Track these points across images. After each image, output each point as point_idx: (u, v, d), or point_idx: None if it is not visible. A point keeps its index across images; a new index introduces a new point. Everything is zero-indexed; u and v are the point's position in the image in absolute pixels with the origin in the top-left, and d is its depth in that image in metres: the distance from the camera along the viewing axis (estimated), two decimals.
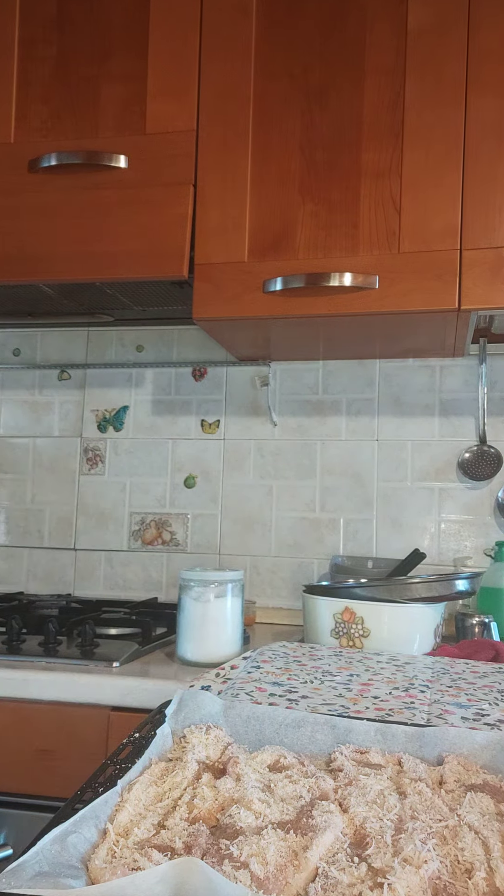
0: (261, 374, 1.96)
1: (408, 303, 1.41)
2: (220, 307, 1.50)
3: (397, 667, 1.20)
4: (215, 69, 1.52)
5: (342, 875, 0.53)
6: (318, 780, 0.66)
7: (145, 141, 1.53)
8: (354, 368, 1.91)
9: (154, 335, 2.03)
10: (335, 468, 1.90)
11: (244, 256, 1.48)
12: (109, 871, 0.52)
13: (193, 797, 0.63)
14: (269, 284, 1.45)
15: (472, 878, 0.53)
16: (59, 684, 1.23)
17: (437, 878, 0.53)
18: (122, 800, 0.62)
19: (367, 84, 1.46)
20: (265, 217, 1.49)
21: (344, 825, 0.60)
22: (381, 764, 0.71)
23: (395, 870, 0.53)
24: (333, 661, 1.24)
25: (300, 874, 0.53)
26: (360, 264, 1.43)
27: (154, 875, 0.47)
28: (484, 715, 0.93)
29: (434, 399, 1.86)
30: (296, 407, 1.94)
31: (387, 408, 1.89)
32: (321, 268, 1.44)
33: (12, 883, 0.47)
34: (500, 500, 1.81)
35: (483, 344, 1.79)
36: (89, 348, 2.06)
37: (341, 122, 1.47)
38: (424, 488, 1.86)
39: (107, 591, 1.95)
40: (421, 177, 1.42)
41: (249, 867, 0.53)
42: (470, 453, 1.82)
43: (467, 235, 1.39)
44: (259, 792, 0.63)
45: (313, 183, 1.48)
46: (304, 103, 1.49)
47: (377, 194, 1.44)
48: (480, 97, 1.41)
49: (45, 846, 0.52)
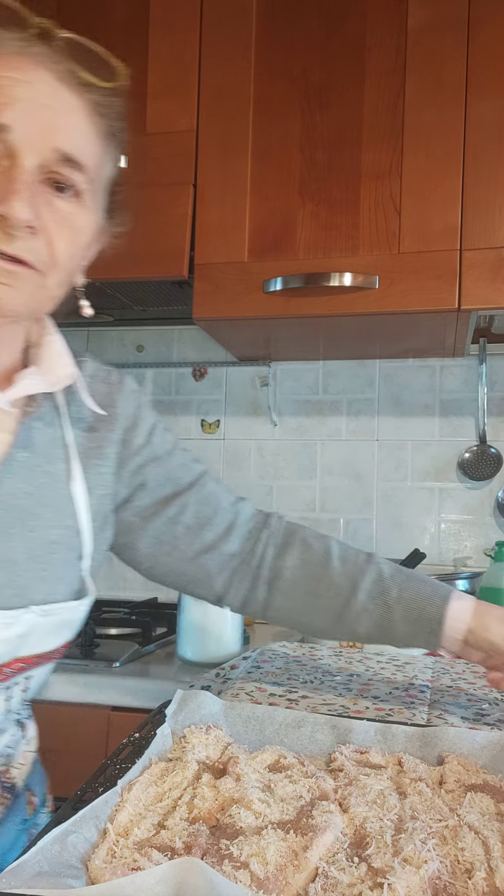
0: (261, 374, 1.96)
1: (408, 303, 1.41)
2: (220, 307, 1.50)
3: (397, 667, 1.20)
4: (215, 69, 1.52)
5: (342, 875, 0.53)
6: (318, 780, 0.66)
7: (145, 141, 1.53)
8: (354, 368, 1.91)
9: (154, 335, 2.03)
10: (335, 468, 1.90)
11: (244, 256, 1.48)
12: (109, 871, 0.52)
13: (193, 797, 0.63)
14: (269, 284, 1.45)
15: (472, 878, 0.53)
16: (59, 684, 1.23)
17: (437, 878, 0.53)
18: (122, 800, 0.62)
19: (367, 84, 1.46)
20: (265, 217, 1.49)
21: (344, 825, 0.60)
22: (381, 764, 0.71)
23: (395, 870, 0.53)
24: (333, 661, 1.24)
25: (300, 874, 0.53)
26: (360, 264, 1.43)
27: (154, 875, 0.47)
28: (484, 715, 0.93)
29: (434, 399, 1.86)
30: (296, 407, 1.94)
31: (387, 408, 1.89)
32: (321, 268, 1.44)
33: (12, 883, 0.47)
34: (500, 500, 1.81)
35: (483, 344, 1.79)
36: (89, 348, 2.06)
37: (341, 123, 1.47)
38: (424, 488, 1.86)
39: (107, 591, 1.95)
40: (421, 177, 1.42)
41: (249, 867, 0.53)
42: (470, 453, 1.82)
43: (467, 235, 1.39)
44: (259, 792, 0.63)
45: (313, 183, 1.48)
46: (304, 104, 1.49)
47: (377, 195, 1.44)
48: (480, 97, 1.41)
49: (45, 846, 0.52)
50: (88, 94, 0.73)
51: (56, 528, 0.81)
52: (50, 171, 0.70)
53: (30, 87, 0.69)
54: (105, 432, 0.88)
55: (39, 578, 0.78)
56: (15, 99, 0.68)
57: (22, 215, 0.67)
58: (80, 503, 0.84)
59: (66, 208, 0.72)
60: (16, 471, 0.78)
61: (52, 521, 0.81)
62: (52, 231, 0.71)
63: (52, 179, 0.70)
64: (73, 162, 0.71)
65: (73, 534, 0.83)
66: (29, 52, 0.70)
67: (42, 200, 0.70)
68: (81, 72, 0.72)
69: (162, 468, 0.93)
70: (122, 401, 0.90)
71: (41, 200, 0.70)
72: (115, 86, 0.74)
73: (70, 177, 0.71)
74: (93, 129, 0.73)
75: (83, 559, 0.84)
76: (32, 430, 0.79)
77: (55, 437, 0.83)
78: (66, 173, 0.71)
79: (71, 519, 0.83)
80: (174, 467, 0.94)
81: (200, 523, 0.93)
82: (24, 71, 0.70)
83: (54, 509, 0.81)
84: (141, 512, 0.92)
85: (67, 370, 0.80)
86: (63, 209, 0.71)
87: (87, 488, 0.85)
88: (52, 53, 0.72)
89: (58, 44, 0.72)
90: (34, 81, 0.70)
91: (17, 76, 0.69)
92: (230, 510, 0.96)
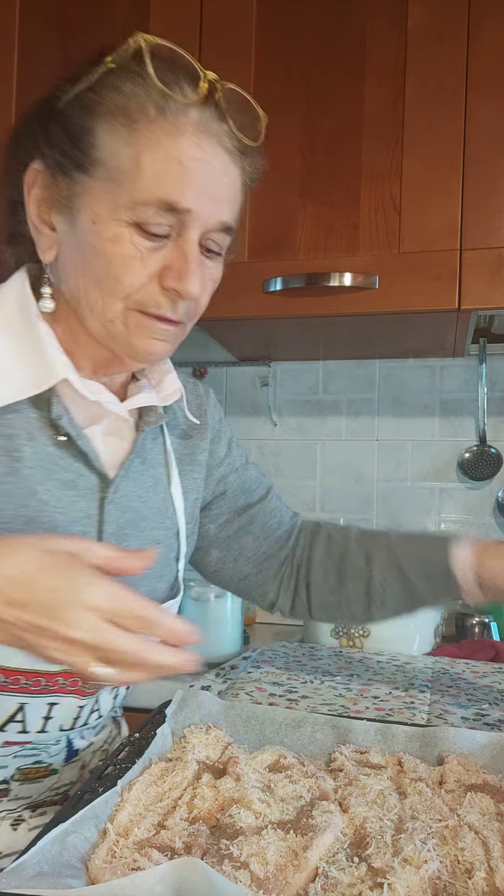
0: (261, 374, 1.96)
1: (408, 303, 1.41)
2: (219, 307, 1.49)
3: (397, 667, 1.20)
4: (215, 70, 1.51)
5: (342, 875, 0.53)
6: (318, 780, 0.66)
7: None
8: (354, 368, 1.91)
9: None
10: (335, 468, 1.90)
11: (244, 256, 1.48)
12: (109, 871, 0.52)
13: (193, 797, 0.63)
14: (269, 284, 1.45)
15: (472, 878, 0.53)
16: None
17: (437, 878, 0.53)
18: (122, 800, 0.62)
19: (367, 85, 1.46)
20: (265, 218, 1.49)
21: (344, 825, 0.60)
22: (381, 764, 0.71)
23: (395, 870, 0.53)
24: (333, 661, 1.24)
25: (300, 874, 0.53)
26: (360, 264, 1.43)
27: (154, 875, 0.47)
28: (484, 715, 0.93)
29: (434, 399, 1.86)
30: (296, 407, 1.94)
31: (387, 408, 1.89)
32: (321, 268, 1.44)
33: (12, 883, 0.47)
34: (500, 500, 1.81)
35: (483, 344, 1.79)
36: None
37: (341, 124, 1.47)
38: (424, 488, 1.86)
39: None
40: (421, 177, 1.42)
41: (249, 867, 0.53)
42: (470, 453, 1.82)
43: (467, 236, 1.39)
44: (259, 792, 0.63)
45: (313, 184, 1.48)
46: (304, 105, 1.49)
47: (377, 195, 1.44)
48: (480, 98, 1.40)
49: (45, 846, 0.52)
50: (243, 159, 0.75)
51: (159, 529, 0.87)
52: (208, 238, 0.73)
53: (209, 166, 0.71)
54: (198, 440, 0.94)
55: (143, 577, 0.81)
56: (198, 181, 0.70)
57: (195, 292, 0.72)
58: (179, 506, 0.89)
59: (211, 266, 0.76)
60: (131, 476, 0.83)
61: (156, 523, 0.86)
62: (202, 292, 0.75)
63: (206, 246, 0.74)
64: (228, 228, 0.75)
65: (172, 535, 0.89)
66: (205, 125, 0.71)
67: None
68: (243, 137, 0.74)
69: (239, 479, 1.00)
70: (210, 411, 0.97)
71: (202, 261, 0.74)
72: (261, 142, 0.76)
73: (221, 242, 0.75)
74: (241, 188, 0.76)
75: (180, 560, 0.91)
76: (146, 439, 0.85)
77: (157, 443, 0.89)
78: (220, 240, 0.75)
79: (171, 520, 0.89)
80: (249, 479, 1.01)
81: (266, 534, 1.00)
82: (203, 148, 0.70)
83: (158, 511, 0.87)
84: (217, 519, 0.99)
85: (175, 385, 0.85)
86: (210, 267, 0.76)
87: (183, 492, 0.91)
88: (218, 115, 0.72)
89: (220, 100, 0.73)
90: (212, 159, 0.71)
91: (199, 155, 0.70)
92: (289, 523, 1.03)
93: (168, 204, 0.69)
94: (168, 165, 0.69)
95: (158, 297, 0.72)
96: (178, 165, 0.69)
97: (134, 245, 0.70)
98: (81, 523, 0.78)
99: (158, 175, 0.69)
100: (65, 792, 0.84)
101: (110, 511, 0.80)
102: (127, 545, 0.81)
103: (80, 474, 0.78)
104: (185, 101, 0.70)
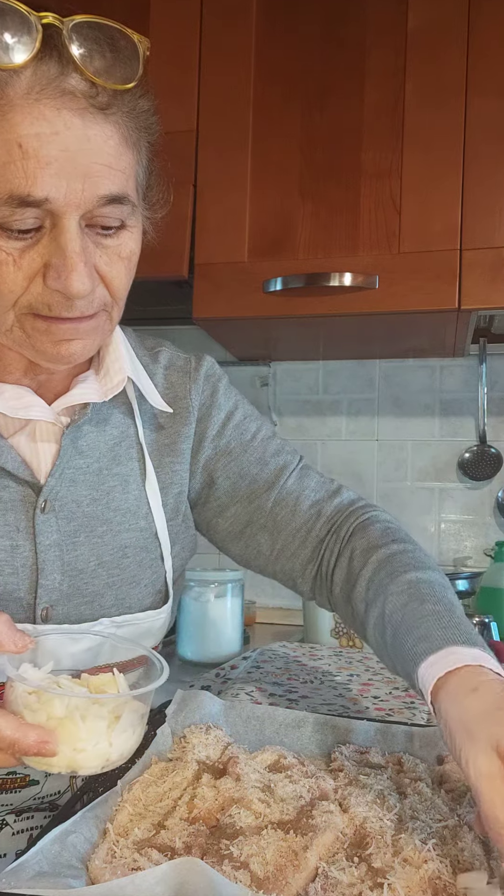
0: (261, 374, 1.96)
1: (408, 303, 1.41)
2: (220, 307, 1.50)
3: None
4: (215, 70, 1.52)
5: (342, 875, 0.53)
6: (318, 780, 0.66)
7: None
8: (354, 368, 1.91)
9: (153, 335, 2.03)
10: (335, 468, 1.90)
11: (244, 256, 1.48)
12: (109, 871, 0.52)
13: (193, 797, 0.63)
14: (269, 284, 1.45)
15: None
16: None
17: (437, 878, 0.53)
18: (122, 800, 0.62)
19: (367, 85, 1.46)
20: (265, 217, 1.49)
21: (344, 825, 0.60)
22: (381, 764, 0.71)
23: (395, 870, 0.53)
24: (333, 661, 1.24)
25: (300, 874, 0.53)
26: (360, 264, 1.43)
27: (154, 875, 0.47)
28: None
29: (434, 399, 1.86)
30: (296, 407, 1.94)
31: (387, 408, 1.89)
32: (321, 268, 1.44)
33: (12, 883, 0.47)
34: (500, 500, 1.81)
35: (483, 344, 1.79)
36: None
37: (341, 123, 1.47)
38: (424, 488, 1.86)
39: None
40: (421, 177, 1.42)
41: (249, 867, 0.53)
42: (470, 453, 1.82)
43: (467, 236, 1.39)
44: (259, 792, 0.63)
45: (313, 183, 1.48)
46: (304, 104, 1.49)
47: (377, 195, 1.44)
48: (480, 97, 1.40)
49: (45, 846, 0.52)
50: (116, 107, 0.63)
51: (129, 532, 0.79)
52: (94, 216, 0.63)
53: (58, 138, 0.59)
54: (178, 427, 0.84)
55: (108, 585, 0.77)
56: (46, 163, 0.59)
57: (80, 290, 0.62)
58: (155, 504, 0.81)
59: (114, 243, 0.66)
60: (77, 479, 0.76)
61: (125, 526, 0.79)
62: (107, 272, 0.66)
63: (99, 224, 0.64)
64: (115, 199, 0.64)
65: (148, 536, 0.81)
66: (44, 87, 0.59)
67: (91, 245, 0.64)
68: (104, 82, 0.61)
69: (236, 464, 0.86)
70: (196, 390, 0.86)
71: (90, 246, 0.64)
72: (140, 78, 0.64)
73: (114, 215, 0.65)
74: (124, 145, 0.65)
75: (165, 559, 0.82)
76: (80, 436, 0.77)
77: (126, 436, 0.81)
78: (110, 213, 0.64)
79: (145, 520, 0.80)
80: (251, 462, 0.87)
81: (279, 527, 0.86)
82: (47, 119, 0.59)
83: (126, 513, 0.79)
84: (221, 512, 0.87)
85: (120, 375, 0.77)
86: (112, 245, 0.66)
87: (161, 487, 0.82)
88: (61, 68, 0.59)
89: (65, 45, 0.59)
90: (61, 130, 0.59)
91: (41, 129, 0.58)
92: (307, 513, 0.87)
93: (19, 198, 0.59)
94: (6, 152, 0.58)
95: (47, 298, 0.63)
96: (18, 149, 0.58)
97: (1, 248, 0.61)
98: (10, 537, 0.73)
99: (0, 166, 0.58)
100: (50, 801, 0.81)
101: (47, 521, 0.74)
102: (78, 555, 0.76)
103: (3, 487, 0.73)
104: (10, 66, 0.57)
